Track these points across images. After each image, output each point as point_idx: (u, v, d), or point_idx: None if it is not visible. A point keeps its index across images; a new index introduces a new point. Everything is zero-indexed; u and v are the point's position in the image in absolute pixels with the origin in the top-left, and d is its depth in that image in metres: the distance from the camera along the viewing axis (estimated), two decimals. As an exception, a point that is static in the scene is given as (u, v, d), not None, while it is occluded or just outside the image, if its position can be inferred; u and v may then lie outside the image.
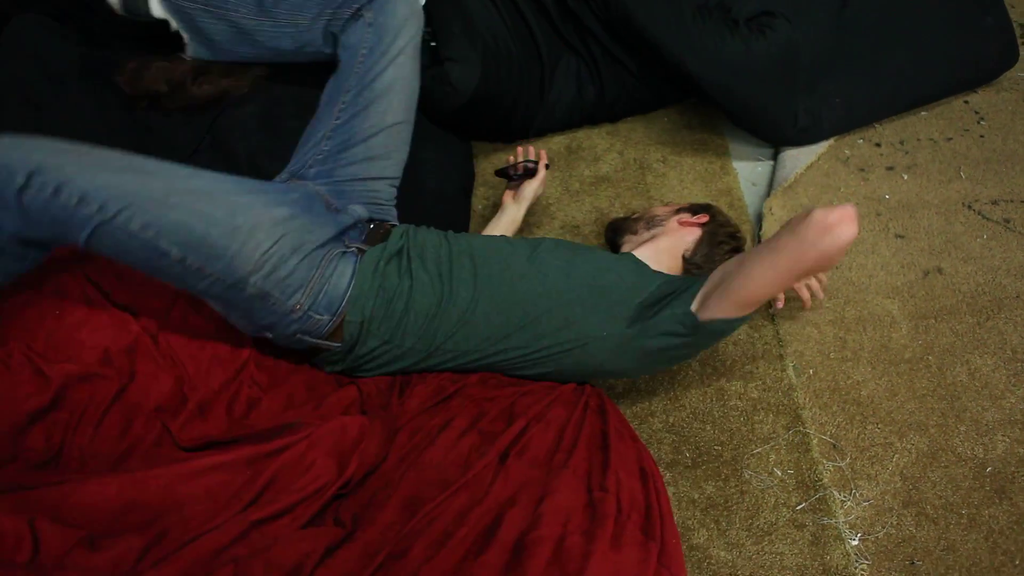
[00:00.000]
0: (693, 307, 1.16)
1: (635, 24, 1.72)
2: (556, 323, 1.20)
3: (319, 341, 1.18)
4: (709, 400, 1.41)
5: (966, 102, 1.96)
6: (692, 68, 1.71)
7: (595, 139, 1.98)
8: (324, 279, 1.14)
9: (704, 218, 1.46)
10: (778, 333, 1.50)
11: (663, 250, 1.41)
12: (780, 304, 1.47)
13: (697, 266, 1.40)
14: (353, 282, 1.16)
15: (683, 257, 1.41)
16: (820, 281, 1.51)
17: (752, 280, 1.10)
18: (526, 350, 1.21)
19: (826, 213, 1.01)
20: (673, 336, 1.18)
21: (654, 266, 1.32)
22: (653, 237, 1.46)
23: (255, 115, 1.53)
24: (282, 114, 1.51)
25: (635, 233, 1.50)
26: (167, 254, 1.04)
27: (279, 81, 1.56)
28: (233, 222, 1.06)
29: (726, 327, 1.18)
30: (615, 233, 1.55)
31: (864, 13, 1.91)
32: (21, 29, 1.47)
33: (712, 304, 1.14)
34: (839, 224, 1.01)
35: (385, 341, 1.19)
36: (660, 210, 1.53)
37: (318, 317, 1.15)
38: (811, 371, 1.44)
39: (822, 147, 1.86)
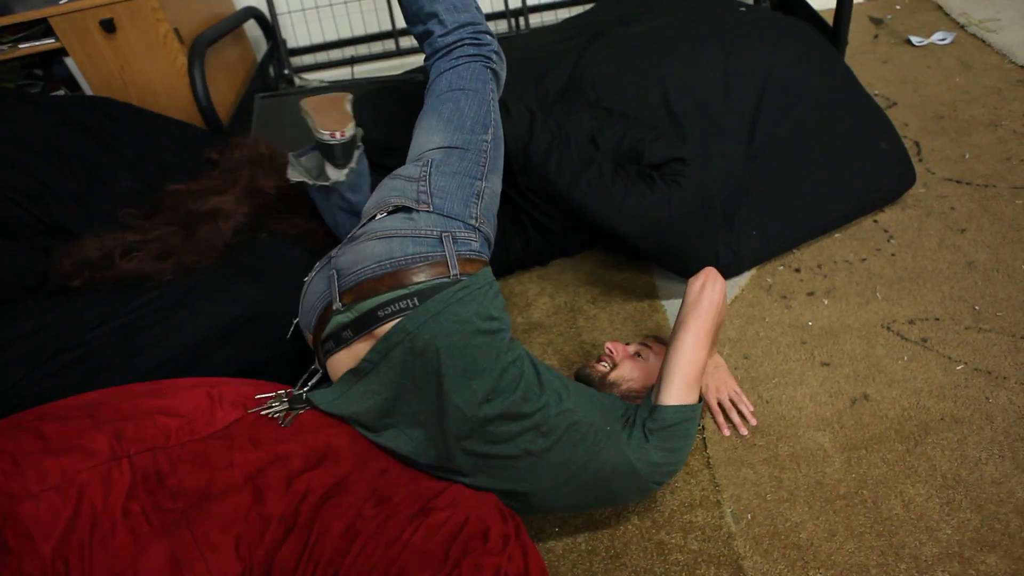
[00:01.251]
0: (652, 401, 1.34)
1: (558, 191, 1.78)
2: (568, 406, 1.27)
3: (454, 254, 1.26)
4: (650, 556, 1.39)
5: (876, 221, 2.05)
6: (620, 228, 1.75)
7: (526, 284, 2.03)
8: (491, 229, 1.39)
9: None
10: (714, 477, 1.50)
11: None
12: (726, 431, 1.58)
13: None
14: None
15: None
16: (742, 413, 1.59)
17: (679, 354, 1.35)
18: (555, 430, 1.24)
19: (697, 279, 1.45)
20: (647, 434, 1.29)
21: None
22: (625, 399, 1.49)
23: (167, 299, 1.54)
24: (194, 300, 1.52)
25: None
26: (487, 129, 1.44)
27: (202, 272, 1.58)
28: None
29: (679, 414, 1.30)
30: (587, 384, 1.56)
31: (769, 146, 2.03)
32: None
33: (662, 391, 1.33)
34: (709, 278, 1.44)
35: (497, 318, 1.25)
36: (632, 373, 1.54)
37: (473, 237, 1.31)
38: (749, 516, 1.43)
39: (744, 278, 1.93)
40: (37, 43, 2.28)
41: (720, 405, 1.61)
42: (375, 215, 1.34)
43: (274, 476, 1.19)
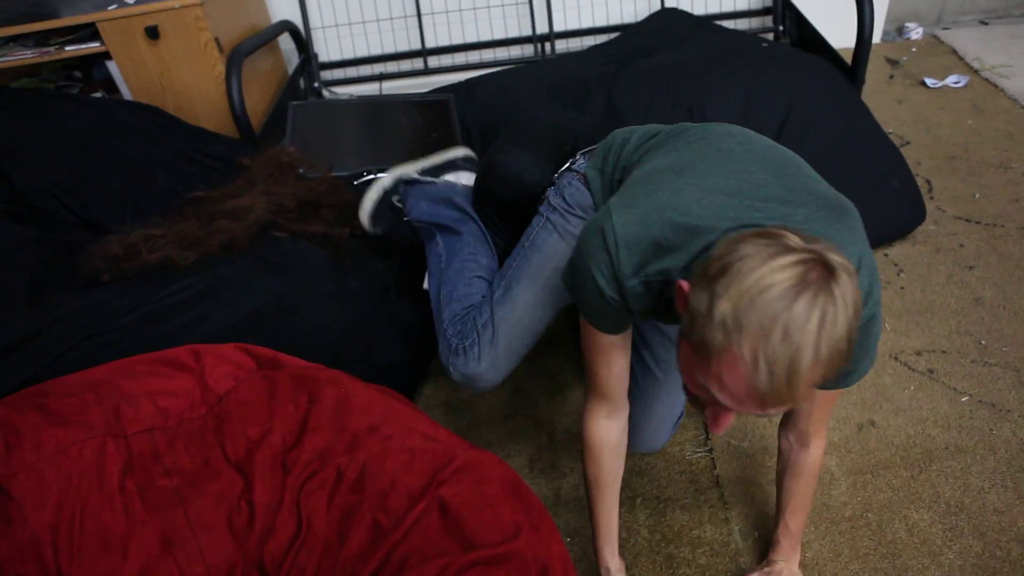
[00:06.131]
0: None
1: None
2: None
3: None
4: (659, 569, 1.43)
5: (886, 255, 2.11)
6: None
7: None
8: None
9: None
10: (723, 495, 1.54)
11: None
12: None
13: None
14: None
15: None
16: None
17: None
18: None
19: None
20: None
21: None
22: None
23: (193, 290, 1.57)
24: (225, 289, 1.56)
25: None
26: None
27: (226, 261, 1.63)
28: None
29: None
30: None
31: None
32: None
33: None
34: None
35: None
36: None
37: None
38: (756, 533, 1.47)
39: (756, 303, 1.98)
40: (83, 46, 2.36)
41: None
42: None
43: (260, 459, 1.16)
